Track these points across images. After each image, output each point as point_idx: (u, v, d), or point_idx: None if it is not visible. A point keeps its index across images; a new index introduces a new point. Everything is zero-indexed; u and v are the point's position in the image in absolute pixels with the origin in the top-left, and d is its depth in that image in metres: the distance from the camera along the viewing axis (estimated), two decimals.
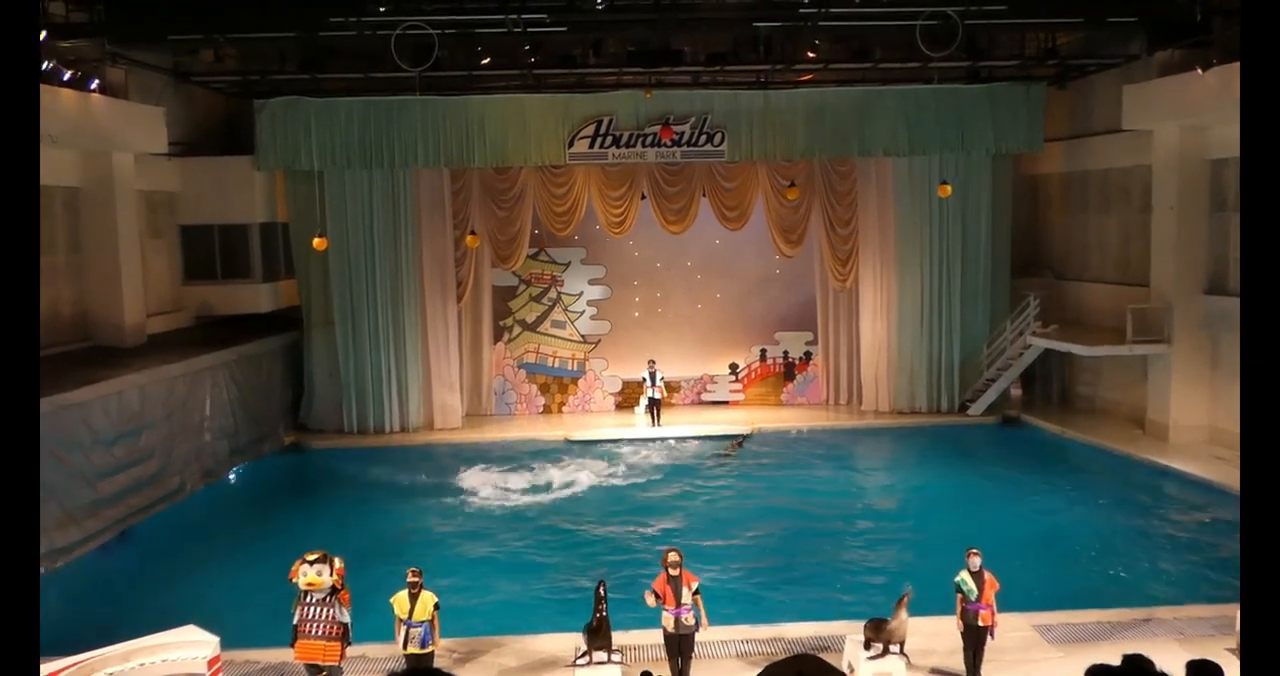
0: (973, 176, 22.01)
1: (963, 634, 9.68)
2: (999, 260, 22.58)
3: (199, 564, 14.33)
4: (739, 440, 20.50)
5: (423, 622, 9.42)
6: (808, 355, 24.10)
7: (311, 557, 9.21)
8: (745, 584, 13.12)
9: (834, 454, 20.06)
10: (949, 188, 19.90)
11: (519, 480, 18.14)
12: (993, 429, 21.59)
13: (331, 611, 9.17)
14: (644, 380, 22.22)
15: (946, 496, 17.11)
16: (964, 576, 9.56)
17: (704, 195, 22.69)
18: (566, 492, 17.44)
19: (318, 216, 20.50)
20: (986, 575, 9.55)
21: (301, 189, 21.31)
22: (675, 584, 9.41)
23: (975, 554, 9.58)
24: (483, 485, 17.90)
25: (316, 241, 18.45)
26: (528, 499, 17.19)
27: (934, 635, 10.23)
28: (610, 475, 18.64)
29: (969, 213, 22.13)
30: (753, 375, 24.28)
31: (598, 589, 9.87)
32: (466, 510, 16.74)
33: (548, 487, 17.75)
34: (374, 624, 10.05)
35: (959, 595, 9.58)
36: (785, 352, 24.15)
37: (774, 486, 17.91)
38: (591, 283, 24.23)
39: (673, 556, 9.49)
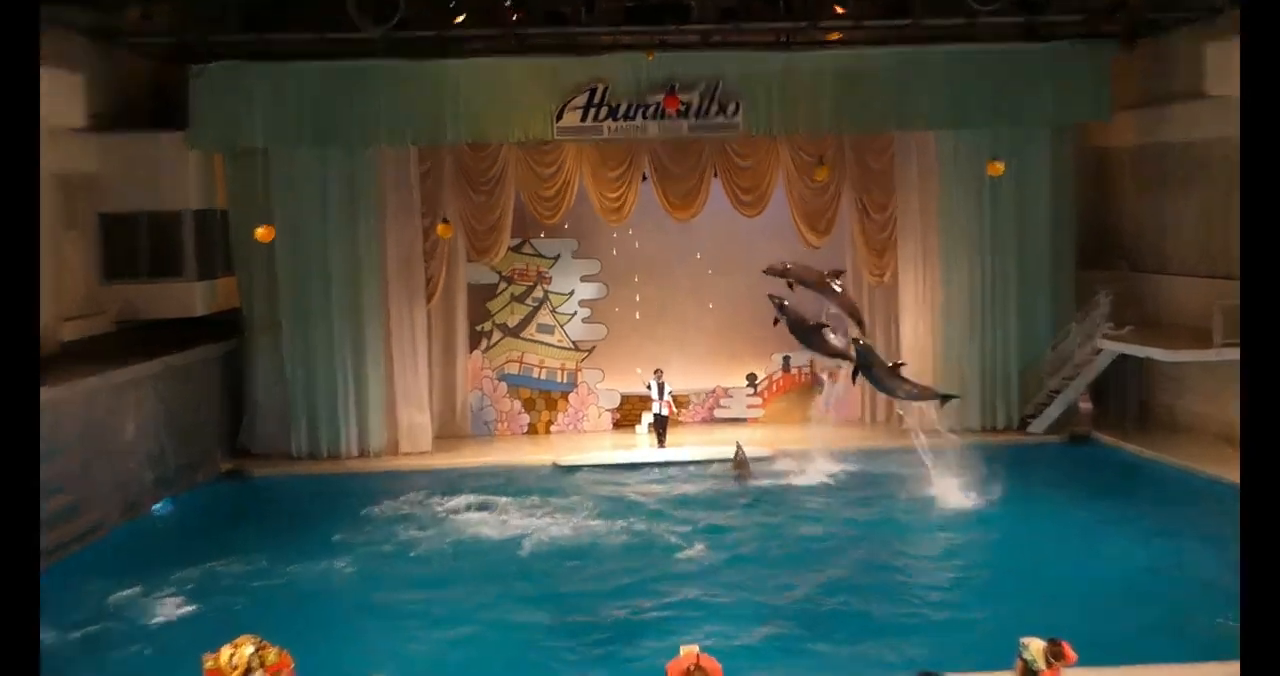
0: (1030, 152, 21.81)
1: None
2: (1062, 250, 22.39)
3: (119, 614, 13.95)
4: (738, 456, 20.41)
5: None
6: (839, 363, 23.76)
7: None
8: (771, 638, 12.83)
9: (872, 480, 19.79)
10: (1001, 165, 19.72)
11: (498, 515, 17.88)
12: (1058, 449, 21.35)
13: None
14: (649, 392, 22.03)
15: (1002, 530, 16.84)
16: (1034, 653, 9.30)
17: (715, 176, 22.57)
18: (554, 529, 17.15)
19: (262, 202, 20.41)
20: (1066, 649, 9.36)
21: (243, 170, 21.12)
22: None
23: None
24: (456, 519, 17.68)
25: (260, 232, 18.24)
26: (508, 536, 16.90)
27: None
28: (606, 507, 18.35)
29: (1026, 194, 21.95)
30: (774, 388, 24.07)
31: None
32: (436, 550, 16.45)
33: (532, 523, 17.42)
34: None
35: (1021, 661, 9.38)
36: (812, 361, 23.82)
37: (801, 519, 17.65)
38: (584, 280, 24.10)
39: (698, 660, 9.36)
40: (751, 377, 24.13)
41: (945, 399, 19.11)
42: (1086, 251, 22.99)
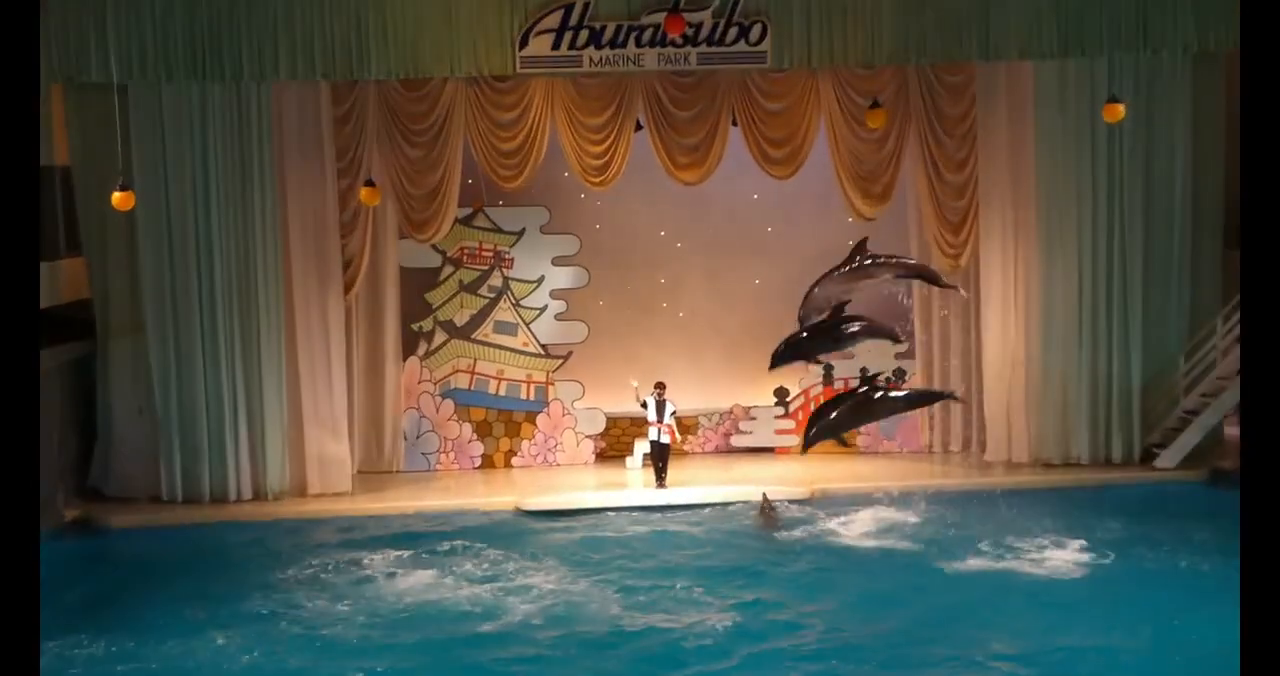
0: (1161, 90, 21.89)
1: None
2: (1205, 221, 22.50)
3: None
4: (764, 506, 20.70)
5: None
6: (899, 374, 23.83)
7: None
8: None
9: (943, 532, 19.85)
10: (1122, 107, 19.69)
11: (442, 579, 17.90)
12: (1196, 489, 21.41)
13: None
14: (645, 412, 22.07)
15: (1118, 599, 16.78)
16: None
17: (735, 124, 22.68)
18: (518, 602, 17.06)
19: (119, 158, 19.96)
20: None
21: (93, 114, 21.10)
22: None
23: None
24: (385, 585, 17.69)
25: (118, 198, 18.21)
26: (457, 607, 16.87)
27: None
28: (587, 567, 18.36)
29: (1157, 147, 22.01)
30: (813, 406, 23.87)
31: None
32: (358, 625, 16.35)
33: (488, 593, 17.41)
34: None
35: None
36: (863, 371, 23.63)
37: (850, 584, 17.67)
38: (557, 262, 24.20)
39: None
40: (781, 393, 24.24)
41: (946, 398, 21.55)
42: (1237, 224, 23.05)
